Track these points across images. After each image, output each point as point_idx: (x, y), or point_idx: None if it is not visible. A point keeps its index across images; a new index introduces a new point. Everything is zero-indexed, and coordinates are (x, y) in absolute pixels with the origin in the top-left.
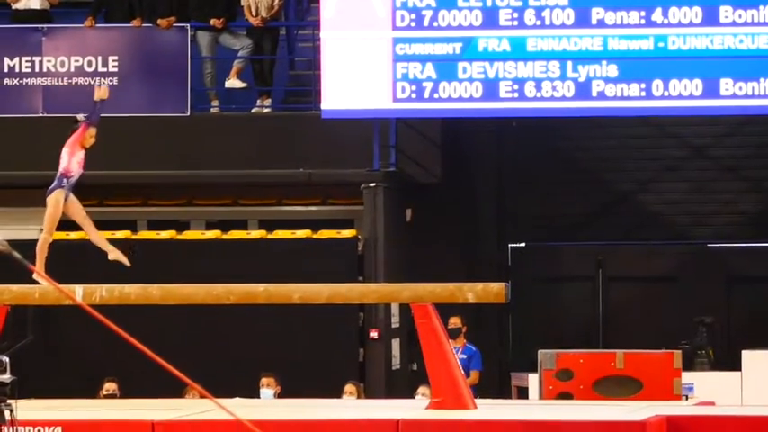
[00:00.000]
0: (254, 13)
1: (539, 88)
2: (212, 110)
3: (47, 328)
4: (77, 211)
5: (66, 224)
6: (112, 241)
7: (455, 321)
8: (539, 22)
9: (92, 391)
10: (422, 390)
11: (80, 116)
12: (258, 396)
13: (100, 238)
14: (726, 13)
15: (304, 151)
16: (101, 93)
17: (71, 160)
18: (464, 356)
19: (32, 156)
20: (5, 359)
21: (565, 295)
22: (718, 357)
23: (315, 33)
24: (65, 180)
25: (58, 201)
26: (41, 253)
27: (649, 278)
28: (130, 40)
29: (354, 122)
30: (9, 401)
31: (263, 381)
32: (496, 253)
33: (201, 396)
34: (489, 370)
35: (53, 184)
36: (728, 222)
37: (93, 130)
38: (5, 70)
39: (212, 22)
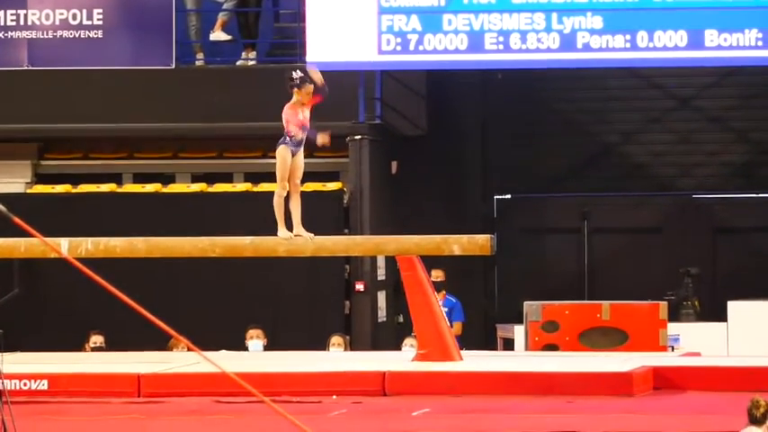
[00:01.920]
0: None
1: (524, 40)
2: (197, 63)
3: (33, 281)
4: (294, 173)
5: (51, 178)
6: (99, 194)
7: (437, 274)
8: None
9: (78, 344)
10: (409, 341)
11: (296, 73)
12: (244, 349)
13: (296, 211)
14: None
15: None
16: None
17: (288, 124)
18: (445, 309)
19: (17, 109)
20: None
21: (550, 247)
22: (703, 308)
23: None
24: (287, 139)
25: (283, 156)
26: (278, 208)
27: (635, 229)
28: None
29: (339, 75)
30: None
31: (252, 333)
32: (482, 205)
33: (188, 349)
34: (475, 322)
35: (280, 140)
36: (714, 173)
37: (310, 87)
38: None
39: None
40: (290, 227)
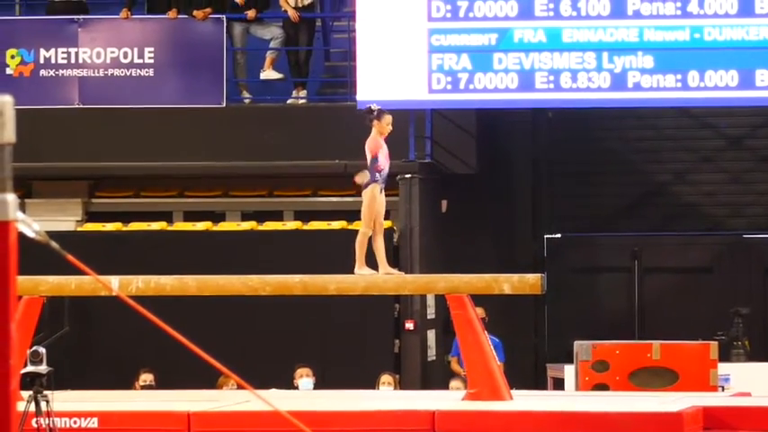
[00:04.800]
0: (291, 3)
1: (574, 79)
2: (246, 101)
3: (83, 319)
4: (379, 210)
5: (102, 216)
6: (149, 232)
7: (479, 312)
8: (574, 13)
9: (127, 383)
10: (455, 384)
11: (374, 105)
12: (292, 388)
13: (381, 250)
14: (761, 4)
15: (339, 142)
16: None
17: (376, 156)
18: None
19: (68, 147)
20: (42, 350)
21: (601, 286)
22: (754, 348)
23: (350, 24)
24: (377, 174)
25: (374, 194)
26: (361, 247)
27: (685, 269)
28: (166, 32)
29: (390, 113)
30: (45, 392)
31: (301, 371)
32: (532, 244)
33: (238, 387)
34: (525, 361)
35: (367, 179)
36: (764, 213)
37: (389, 118)
38: (41, 62)
39: (247, 14)
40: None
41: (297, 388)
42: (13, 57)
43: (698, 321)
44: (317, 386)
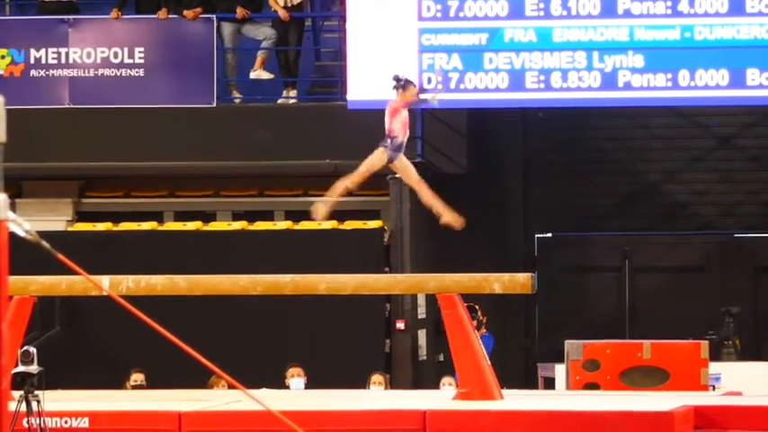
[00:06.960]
0: (281, 3)
1: (565, 78)
2: (236, 101)
3: (73, 319)
4: (410, 175)
5: (92, 216)
6: (140, 232)
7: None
8: (565, 13)
9: (118, 382)
10: (447, 380)
11: (401, 74)
12: (284, 387)
13: (432, 200)
14: (752, 2)
15: (330, 142)
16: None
17: (392, 120)
18: None
19: (59, 147)
20: (33, 350)
21: (591, 286)
22: (744, 347)
23: (341, 24)
24: (388, 140)
25: (378, 157)
26: (338, 188)
27: (676, 268)
28: (156, 32)
29: (380, 113)
30: (36, 392)
31: (293, 371)
32: (523, 243)
33: (230, 387)
34: (515, 361)
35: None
36: (755, 212)
37: (413, 90)
38: (32, 62)
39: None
40: None
41: (288, 387)
42: (3, 57)
43: (689, 320)
44: (308, 386)
